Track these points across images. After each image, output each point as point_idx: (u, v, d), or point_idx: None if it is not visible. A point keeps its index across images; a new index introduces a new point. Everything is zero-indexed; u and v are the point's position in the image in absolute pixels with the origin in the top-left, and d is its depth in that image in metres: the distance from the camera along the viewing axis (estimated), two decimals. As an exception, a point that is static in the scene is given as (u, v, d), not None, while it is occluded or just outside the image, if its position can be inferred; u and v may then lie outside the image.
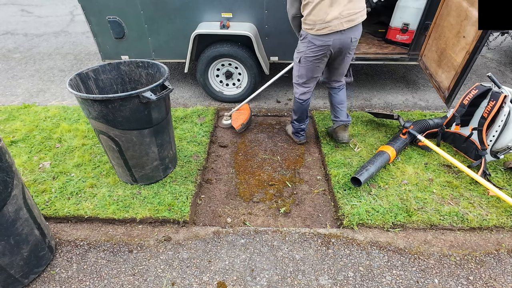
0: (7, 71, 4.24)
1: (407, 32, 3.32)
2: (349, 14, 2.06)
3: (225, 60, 3.19)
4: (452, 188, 2.26)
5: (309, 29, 2.14)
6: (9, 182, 1.47)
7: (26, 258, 1.64)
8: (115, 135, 1.95)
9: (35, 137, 2.78)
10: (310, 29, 2.14)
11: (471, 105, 2.42)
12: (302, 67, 2.36)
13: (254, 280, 1.75)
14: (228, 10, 2.98)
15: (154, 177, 2.29)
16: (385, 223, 2.03)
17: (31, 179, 2.33)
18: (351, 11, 2.06)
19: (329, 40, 2.13)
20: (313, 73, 2.37)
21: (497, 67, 4.22)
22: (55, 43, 5.09)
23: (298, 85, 2.51)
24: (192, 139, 2.78)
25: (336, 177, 2.37)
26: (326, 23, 2.06)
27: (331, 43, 2.15)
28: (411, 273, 1.78)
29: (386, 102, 3.55)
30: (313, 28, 2.11)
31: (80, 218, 2.09)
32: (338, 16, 2.05)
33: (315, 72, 2.37)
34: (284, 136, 2.97)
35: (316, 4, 2.03)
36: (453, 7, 2.62)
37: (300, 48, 2.31)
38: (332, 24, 2.06)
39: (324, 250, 1.91)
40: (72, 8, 6.73)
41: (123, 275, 1.78)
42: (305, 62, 2.31)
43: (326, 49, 2.18)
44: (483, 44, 2.25)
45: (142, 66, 2.20)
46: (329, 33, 2.10)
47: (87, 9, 2.99)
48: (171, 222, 2.07)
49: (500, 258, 1.85)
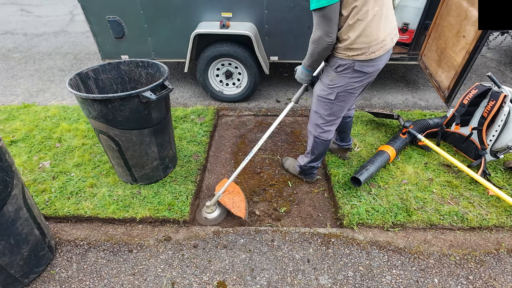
0: (6, 71, 4.24)
1: (407, 31, 3.32)
2: (393, 28, 1.70)
3: (225, 59, 3.19)
4: (452, 188, 2.26)
5: (357, 55, 1.63)
6: (9, 181, 1.47)
7: (26, 258, 1.64)
8: (115, 134, 1.95)
9: (35, 136, 2.78)
10: (360, 55, 1.63)
11: (471, 104, 2.42)
12: (337, 105, 1.87)
13: (254, 279, 1.75)
14: (228, 9, 2.97)
15: (154, 177, 2.29)
16: (385, 223, 2.03)
17: (31, 179, 2.33)
18: (393, 24, 1.71)
19: (381, 62, 1.71)
20: (347, 106, 1.92)
21: (497, 67, 4.22)
22: (55, 42, 5.09)
23: (325, 125, 1.99)
24: (192, 139, 2.78)
25: (336, 176, 2.37)
26: (381, 42, 1.63)
27: (382, 66, 1.75)
28: (411, 273, 1.78)
29: (386, 102, 3.55)
30: (365, 52, 1.62)
31: (80, 218, 2.09)
32: (389, 32, 1.66)
33: (349, 105, 1.93)
34: (284, 136, 2.97)
35: (370, 21, 1.54)
36: (453, 6, 2.62)
37: (337, 82, 1.77)
38: (386, 42, 1.65)
39: (324, 249, 1.91)
40: (72, 8, 6.73)
41: (123, 275, 1.78)
42: (343, 97, 1.83)
43: (375, 74, 1.77)
44: (483, 43, 2.25)
45: (142, 66, 2.20)
46: (382, 54, 1.67)
47: (87, 8, 2.99)
48: (171, 222, 2.07)
49: (500, 257, 1.85)
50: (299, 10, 2.90)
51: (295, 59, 3.27)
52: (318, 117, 1.99)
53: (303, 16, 2.93)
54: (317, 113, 1.97)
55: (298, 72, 1.93)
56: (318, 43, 1.61)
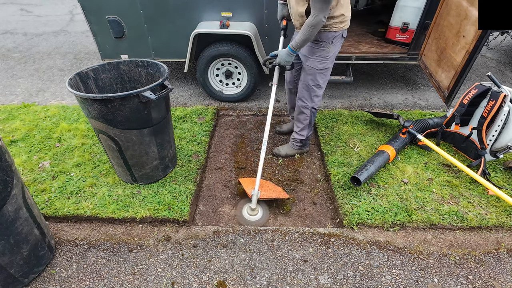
0: (6, 71, 4.24)
1: (407, 31, 3.32)
2: None
3: (225, 59, 3.18)
4: (451, 188, 2.26)
5: (345, 25, 2.03)
6: (8, 181, 1.47)
7: (26, 258, 1.64)
8: (115, 134, 1.95)
9: (34, 136, 2.78)
10: (346, 24, 2.03)
11: (471, 104, 2.42)
12: (329, 70, 2.21)
13: (254, 279, 1.75)
14: (228, 9, 2.97)
15: (154, 177, 2.29)
16: (384, 223, 2.03)
17: (31, 179, 2.33)
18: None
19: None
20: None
21: (497, 67, 4.22)
22: (55, 42, 5.09)
23: (321, 92, 2.31)
24: (192, 139, 2.78)
25: (336, 176, 2.37)
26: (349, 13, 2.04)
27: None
28: (411, 273, 1.78)
29: (386, 102, 3.55)
30: (347, 21, 2.02)
31: (80, 218, 2.09)
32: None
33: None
34: (284, 136, 2.96)
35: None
36: (453, 6, 2.62)
37: (332, 51, 2.10)
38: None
39: (324, 249, 1.91)
40: (71, 8, 6.72)
41: (123, 275, 1.78)
42: (333, 61, 2.19)
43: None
44: (483, 43, 2.25)
45: (141, 66, 2.20)
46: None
47: (87, 8, 2.99)
48: (171, 222, 2.07)
49: (500, 257, 1.85)
50: (299, 10, 2.90)
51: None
52: (317, 89, 2.27)
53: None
54: (318, 85, 2.25)
55: (283, 56, 2.07)
56: (318, 25, 1.84)
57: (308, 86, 2.26)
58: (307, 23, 1.85)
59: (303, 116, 2.44)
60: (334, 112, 3.17)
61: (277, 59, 2.10)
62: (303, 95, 2.34)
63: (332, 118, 3.05)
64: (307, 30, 1.87)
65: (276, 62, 2.12)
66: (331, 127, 2.92)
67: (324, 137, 2.80)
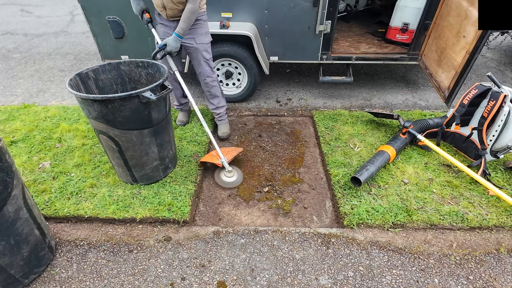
0: (7, 71, 4.24)
1: (407, 31, 3.32)
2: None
3: (225, 60, 3.18)
4: (452, 188, 2.26)
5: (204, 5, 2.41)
6: (9, 182, 1.47)
7: (26, 258, 1.64)
8: (115, 135, 1.95)
9: (35, 137, 2.78)
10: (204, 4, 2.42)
11: (471, 104, 2.42)
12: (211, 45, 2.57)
13: (254, 280, 1.75)
14: (228, 10, 2.97)
15: (154, 177, 2.29)
16: (385, 223, 2.03)
17: (31, 179, 2.33)
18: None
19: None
20: None
21: (497, 67, 4.22)
22: (55, 43, 5.09)
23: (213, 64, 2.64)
24: (192, 139, 2.78)
25: (336, 177, 2.37)
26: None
27: None
28: (411, 273, 1.78)
29: (386, 102, 3.55)
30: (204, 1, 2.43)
31: (80, 218, 2.09)
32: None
33: None
34: (284, 136, 2.97)
35: None
36: (453, 6, 2.62)
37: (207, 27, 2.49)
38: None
39: (324, 249, 1.91)
40: (72, 8, 6.73)
41: (123, 275, 1.78)
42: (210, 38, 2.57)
43: None
44: (483, 43, 2.25)
45: (142, 66, 2.20)
46: None
47: (87, 9, 2.99)
48: (171, 222, 2.07)
49: (500, 257, 1.85)
50: (299, 10, 2.90)
51: (295, 59, 3.27)
52: (211, 61, 2.60)
53: (303, 16, 2.93)
54: (211, 57, 2.59)
55: (172, 44, 2.25)
56: (197, 9, 2.19)
57: (206, 61, 2.55)
58: (190, 9, 2.15)
59: (215, 88, 2.71)
60: (334, 112, 3.17)
61: (168, 48, 2.25)
62: (206, 71, 2.60)
63: (332, 118, 3.05)
64: (190, 14, 2.17)
65: (167, 51, 2.27)
66: (331, 127, 2.92)
67: (324, 137, 2.80)
